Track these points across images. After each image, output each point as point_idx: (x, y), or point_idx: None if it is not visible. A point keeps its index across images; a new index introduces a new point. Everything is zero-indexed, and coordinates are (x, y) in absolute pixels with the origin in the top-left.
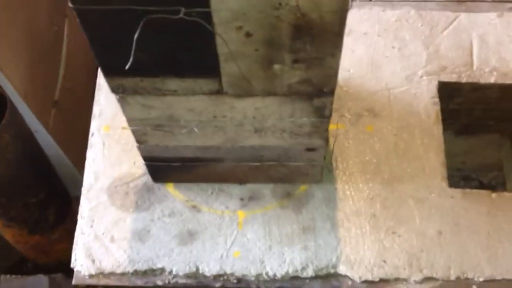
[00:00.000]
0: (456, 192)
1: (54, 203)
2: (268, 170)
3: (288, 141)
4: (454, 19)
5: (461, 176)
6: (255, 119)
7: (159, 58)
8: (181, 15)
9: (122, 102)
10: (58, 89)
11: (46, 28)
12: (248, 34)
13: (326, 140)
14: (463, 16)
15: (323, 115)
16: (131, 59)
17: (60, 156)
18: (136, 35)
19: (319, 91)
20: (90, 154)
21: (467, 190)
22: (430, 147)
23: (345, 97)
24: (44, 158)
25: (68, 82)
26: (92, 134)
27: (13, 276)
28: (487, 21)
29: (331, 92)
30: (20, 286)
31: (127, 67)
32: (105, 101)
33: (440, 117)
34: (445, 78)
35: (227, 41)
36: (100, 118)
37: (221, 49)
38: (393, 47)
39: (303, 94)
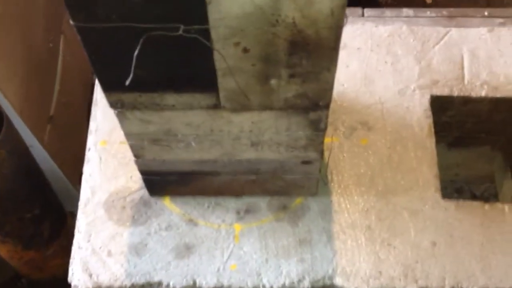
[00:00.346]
0: (450, 203)
1: (49, 218)
2: (264, 183)
3: (284, 154)
4: (445, 34)
5: (454, 188)
6: (252, 133)
7: (158, 74)
8: (180, 32)
9: (121, 117)
10: (53, 105)
11: (41, 44)
12: (245, 50)
13: (321, 153)
14: (454, 31)
15: (318, 129)
16: (131, 75)
17: (55, 171)
18: (136, 52)
19: (315, 105)
20: (87, 168)
21: (461, 202)
22: (423, 159)
23: (339, 110)
24: (39, 173)
25: (63, 97)
26: (89, 149)
27: None
28: (477, 36)
29: (327, 106)
30: None
31: (127, 83)
32: (101, 117)
33: (432, 130)
34: (437, 91)
35: (225, 56)
36: (97, 133)
37: (219, 64)
38: (385, 62)
39: (299, 108)
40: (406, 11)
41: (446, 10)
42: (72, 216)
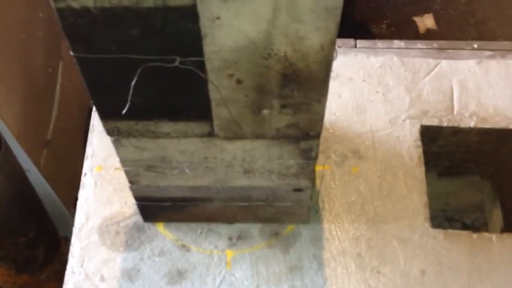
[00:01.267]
0: (439, 232)
1: (43, 243)
2: (256, 210)
3: (276, 181)
4: (436, 66)
5: (444, 217)
6: (245, 161)
7: (154, 103)
8: (176, 64)
9: (117, 144)
10: (50, 129)
11: (40, 69)
12: (239, 81)
13: (313, 181)
14: (444, 63)
15: (309, 157)
16: (127, 104)
17: (51, 195)
18: (133, 82)
19: (306, 135)
20: (82, 193)
21: (449, 231)
22: (413, 188)
23: (332, 139)
24: (35, 197)
25: (61, 122)
26: (85, 174)
27: None
28: (467, 68)
29: (317, 136)
30: None
31: (124, 112)
32: (97, 142)
33: (422, 159)
34: (427, 122)
35: (219, 87)
36: (93, 159)
37: (213, 95)
38: (377, 92)
39: (290, 137)
40: (398, 42)
41: (436, 43)
42: (66, 240)
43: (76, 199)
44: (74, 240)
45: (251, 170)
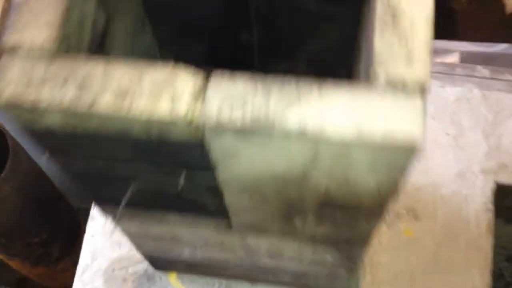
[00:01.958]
0: None
1: (59, 241)
2: (282, 282)
3: (308, 267)
4: None
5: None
6: (270, 250)
7: (156, 204)
8: (179, 188)
9: (117, 223)
10: None
11: None
12: (262, 201)
13: (354, 272)
14: None
15: (351, 259)
16: (119, 213)
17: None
18: (123, 202)
19: (349, 244)
20: (90, 228)
21: None
22: (476, 263)
23: None
24: (49, 197)
25: None
26: (94, 206)
27: None
28: None
29: (364, 245)
30: None
31: (116, 218)
32: None
33: (492, 227)
34: (504, 178)
35: (237, 204)
36: None
37: (231, 208)
38: (447, 134)
39: (328, 243)
40: (480, 70)
41: None
42: (84, 214)
43: None
44: (76, 283)
45: (278, 255)
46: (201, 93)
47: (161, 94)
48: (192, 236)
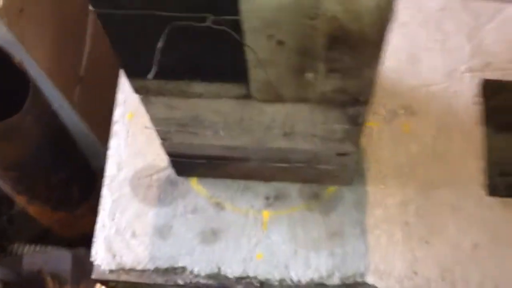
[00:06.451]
0: (496, 201)
1: (78, 181)
2: (296, 171)
3: (319, 145)
4: (501, 11)
5: (503, 182)
6: (285, 124)
7: (184, 65)
8: (208, 23)
9: (145, 101)
10: (83, 66)
11: (71, 4)
12: (280, 43)
13: (359, 146)
14: (511, 8)
15: (356, 123)
16: (153, 69)
17: (85, 132)
18: (159, 45)
19: (354, 100)
20: (113, 142)
21: (508, 200)
22: (470, 151)
23: (380, 92)
24: (67, 136)
25: (94, 58)
26: (116, 122)
27: (37, 248)
28: None
29: (367, 102)
30: (43, 261)
31: (150, 77)
32: (129, 88)
33: (481, 118)
34: (489, 75)
35: (257, 49)
36: (125, 105)
37: (250, 57)
38: (435, 40)
39: (336, 102)
40: None
41: None
42: (101, 173)
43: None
44: (105, 192)
45: (291, 133)
46: None
47: None
48: (213, 115)
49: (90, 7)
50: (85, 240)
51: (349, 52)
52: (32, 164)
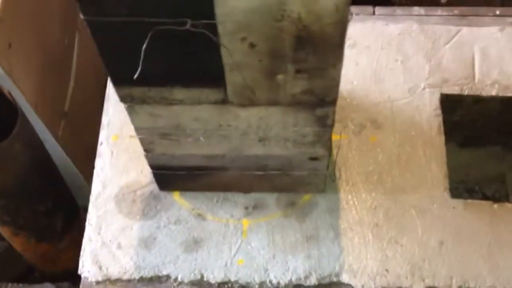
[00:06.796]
0: (458, 202)
1: (62, 211)
2: (272, 179)
3: (292, 150)
4: (456, 33)
5: (465, 188)
6: (259, 128)
7: (166, 68)
8: (187, 26)
9: (130, 111)
10: (68, 101)
11: (57, 40)
12: (252, 45)
13: (329, 149)
14: (465, 30)
15: (325, 125)
16: (139, 69)
17: (69, 165)
18: (144, 46)
19: (321, 101)
20: (99, 162)
21: (469, 201)
22: (432, 158)
23: (349, 108)
24: (53, 167)
25: (78, 94)
26: (101, 143)
27: (20, 284)
28: (489, 35)
29: (333, 102)
30: None
31: (135, 76)
32: (113, 111)
33: (442, 128)
34: (448, 90)
35: (232, 51)
36: (109, 128)
37: (226, 59)
38: (396, 60)
39: (305, 104)
40: (418, 9)
41: (457, 9)
42: (84, 210)
43: (94, 169)
44: (91, 208)
45: (266, 138)
46: None
47: None
48: (194, 122)
49: (81, 15)
50: (67, 276)
51: (314, 52)
52: (19, 191)
